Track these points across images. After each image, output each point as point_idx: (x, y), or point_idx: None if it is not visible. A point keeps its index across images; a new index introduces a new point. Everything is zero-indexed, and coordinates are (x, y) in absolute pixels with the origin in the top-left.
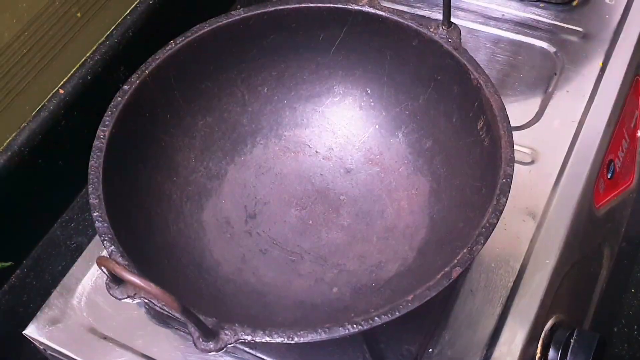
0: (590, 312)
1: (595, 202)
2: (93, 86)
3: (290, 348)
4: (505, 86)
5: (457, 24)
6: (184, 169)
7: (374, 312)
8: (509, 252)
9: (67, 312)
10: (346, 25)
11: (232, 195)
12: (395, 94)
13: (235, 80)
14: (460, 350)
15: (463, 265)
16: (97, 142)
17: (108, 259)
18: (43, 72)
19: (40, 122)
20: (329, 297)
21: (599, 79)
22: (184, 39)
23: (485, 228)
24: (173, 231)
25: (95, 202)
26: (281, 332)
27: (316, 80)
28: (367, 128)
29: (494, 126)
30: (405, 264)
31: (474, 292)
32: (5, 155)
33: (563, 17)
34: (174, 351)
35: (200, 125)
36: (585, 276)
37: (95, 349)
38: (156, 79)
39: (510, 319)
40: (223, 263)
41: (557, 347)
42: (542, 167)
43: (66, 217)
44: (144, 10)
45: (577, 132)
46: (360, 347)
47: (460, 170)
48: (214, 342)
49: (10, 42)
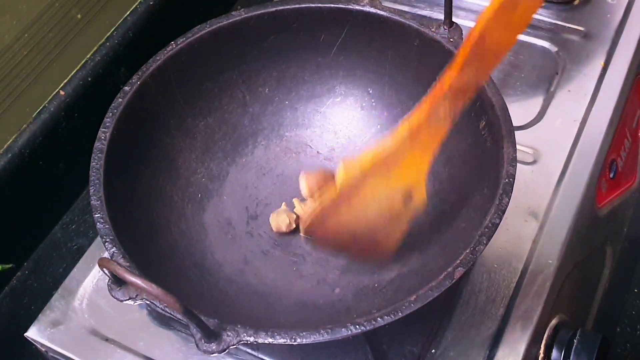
0: (593, 312)
1: (598, 202)
2: (94, 87)
3: (292, 349)
4: (507, 86)
5: (459, 24)
6: (185, 170)
7: (377, 313)
8: (512, 252)
9: (68, 314)
10: (347, 25)
11: (234, 196)
12: (397, 94)
13: (236, 81)
14: (463, 351)
15: (466, 265)
16: (98, 143)
17: (110, 260)
18: (43, 74)
19: (41, 123)
20: (331, 298)
21: (600, 78)
22: (184, 39)
23: (488, 228)
24: (174, 232)
25: (96, 204)
26: (283, 333)
27: (317, 81)
28: (369, 128)
29: (496, 126)
30: (408, 265)
31: (476, 293)
32: (5, 157)
33: (564, 17)
34: (176, 353)
35: (201, 126)
36: (588, 276)
37: (97, 351)
38: (157, 80)
39: (513, 319)
40: (225, 264)
41: (560, 347)
42: (544, 167)
43: (67, 218)
44: (145, 11)
45: (579, 131)
46: (363, 348)
47: (462, 170)
48: (216, 344)
49: (11, 43)
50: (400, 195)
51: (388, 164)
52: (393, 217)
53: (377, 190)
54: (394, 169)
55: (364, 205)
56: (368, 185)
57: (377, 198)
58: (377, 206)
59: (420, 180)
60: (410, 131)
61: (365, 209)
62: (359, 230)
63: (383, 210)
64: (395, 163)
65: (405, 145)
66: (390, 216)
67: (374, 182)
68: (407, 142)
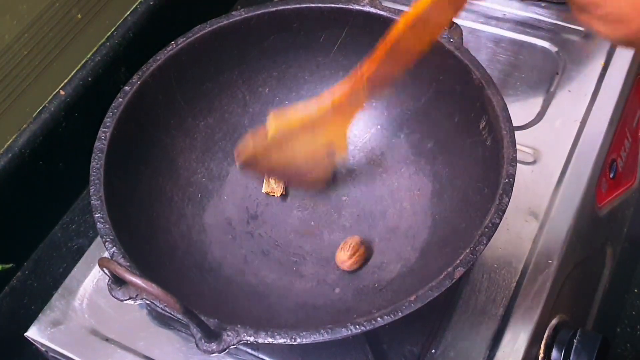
0: (593, 312)
1: (598, 202)
2: (94, 87)
3: (292, 349)
4: (507, 86)
5: (459, 24)
6: (185, 170)
7: (377, 313)
8: (512, 252)
9: (68, 314)
10: (347, 25)
11: (234, 196)
12: (397, 95)
13: (236, 81)
14: (463, 351)
15: (466, 265)
16: (98, 143)
17: (110, 260)
18: (44, 74)
19: (41, 123)
20: (331, 298)
21: (600, 78)
22: (184, 39)
23: (488, 228)
24: (174, 232)
25: (96, 204)
26: (284, 333)
27: (317, 81)
28: (369, 128)
29: (496, 126)
30: (408, 265)
31: (476, 293)
32: (6, 157)
33: (565, 17)
34: (176, 353)
35: (201, 126)
36: (588, 276)
37: (97, 350)
38: (157, 80)
39: (513, 319)
40: (225, 264)
41: (560, 347)
42: (545, 167)
43: (67, 218)
44: (145, 11)
45: (579, 131)
46: (363, 348)
47: (463, 170)
48: (216, 343)
49: (11, 43)
50: (324, 146)
51: (313, 125)
52: (318, 163)
53: (303, 142)
54: (318, 129)
55: (291, 151)
56: (295, 138)
57: (304, 147)
58: (304, 153)
59: (342, 136)
60: (332, 105)
61: (293, 154)
62: (288, 166)
63: (309, 156)
64: (319, 125)
65: (328, 113)
66: (315, 162)
67: (301, 136)
68: (329, 112)
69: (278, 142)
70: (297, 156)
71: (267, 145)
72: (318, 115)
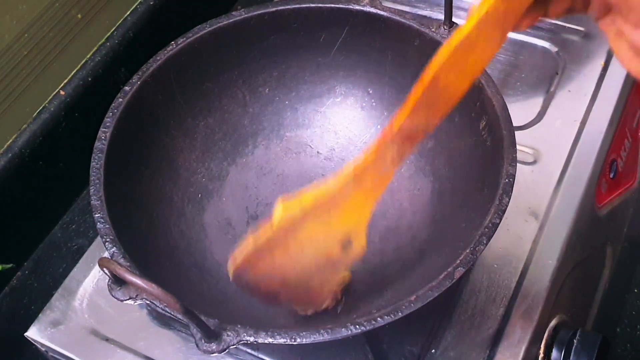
0: (593, 312)
1: (598, 202)
2: (94, 87)
3: (292, 349)
4: (507, 86)
5: (459, 24)
6: (185, 170)
7: (377, 313)
8: (512, 252)
9: (68, 314)
10: (347, 25)
11: (234, 196)
12: (397, 94)
13: (236, 81)
14: (463, 351)
15: (466, 265)
16: (98, 143)
17: (110, 260)
18: (44, 74)
19: (41, 123)
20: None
21: (600, 78)
22: (184, 39)
23: (488, 228)
24: (174, 232)
25: (96, 204)
26: (284, 333)
27: (317, 81)
28: (369, 128)
29: (496, 126)
30: (408, 265)
31: (476, 293)
32: (5, 157)
33: (564, 17)
34: (176, 353)
35: (201, 126)
36: (588, 276)
37: (97, 350)
38: (157, 80)
39: (513, 319)
40: (225, 264)
41: (560, 347)
42: (544, 167)
43: (67, 218)
44: (145, 11)
45: (579, 131)
46: (363, 348)
47: (463, 170)
48: (216, 344)
49: (11, 44)
50: (339, 240)
51: (329, 206)
52: (329, 263)
53: (315, 233)
54: (335, 212)
55: (300, 248)
56: (306, 227)
57: (315, 241)
58: (314, 250)
59: (361, 227)
60: (355, 174)
61: (301, 252)
62: (292, 275)
63: (320, 254)
64: (337, 206)
65: (349, 188)
66: (326, 262)
67: (313, 224)
68: (351, 186)
69: (283, 235)
70: (305, 253)
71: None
72: (336, 191)
